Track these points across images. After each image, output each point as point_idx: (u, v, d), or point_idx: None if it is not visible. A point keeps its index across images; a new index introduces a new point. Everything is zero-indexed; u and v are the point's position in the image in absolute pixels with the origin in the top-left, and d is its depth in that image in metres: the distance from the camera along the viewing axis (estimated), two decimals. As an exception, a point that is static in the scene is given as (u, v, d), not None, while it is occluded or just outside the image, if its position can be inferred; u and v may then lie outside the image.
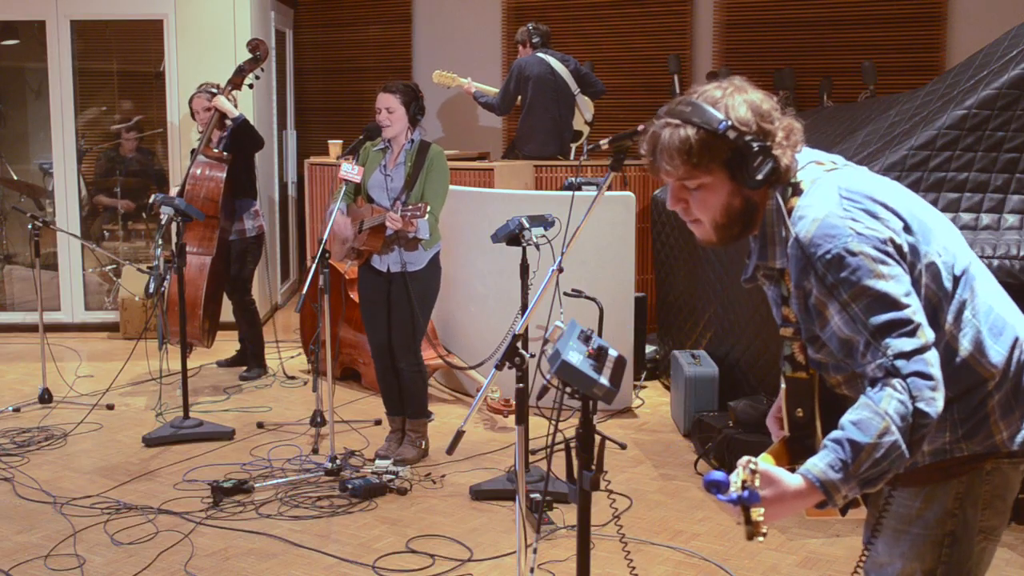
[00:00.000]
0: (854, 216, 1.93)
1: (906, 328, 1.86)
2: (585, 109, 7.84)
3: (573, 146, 7.87)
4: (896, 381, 1.84)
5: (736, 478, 1.82)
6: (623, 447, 5.20)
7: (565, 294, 5.24)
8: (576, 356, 2.38)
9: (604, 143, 2.92)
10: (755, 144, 1.96)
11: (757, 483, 1.83)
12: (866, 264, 1.89)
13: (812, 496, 1.85)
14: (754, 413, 4.70)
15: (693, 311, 5.93)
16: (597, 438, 2.43)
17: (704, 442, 5.00)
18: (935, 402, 1.84)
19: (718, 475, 1.82)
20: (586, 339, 2.51)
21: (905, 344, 1.85)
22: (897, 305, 1.88)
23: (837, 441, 1.85)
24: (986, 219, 4.37)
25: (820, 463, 1.85)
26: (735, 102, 2.00)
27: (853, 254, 1.89)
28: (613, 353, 2.53)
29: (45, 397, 5.98)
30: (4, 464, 5.00)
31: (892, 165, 4.76)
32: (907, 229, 1.96)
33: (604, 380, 2.35)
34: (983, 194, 4.42)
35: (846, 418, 1.86)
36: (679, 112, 2.01)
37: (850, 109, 6.14)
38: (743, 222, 2.05)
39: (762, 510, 1.81)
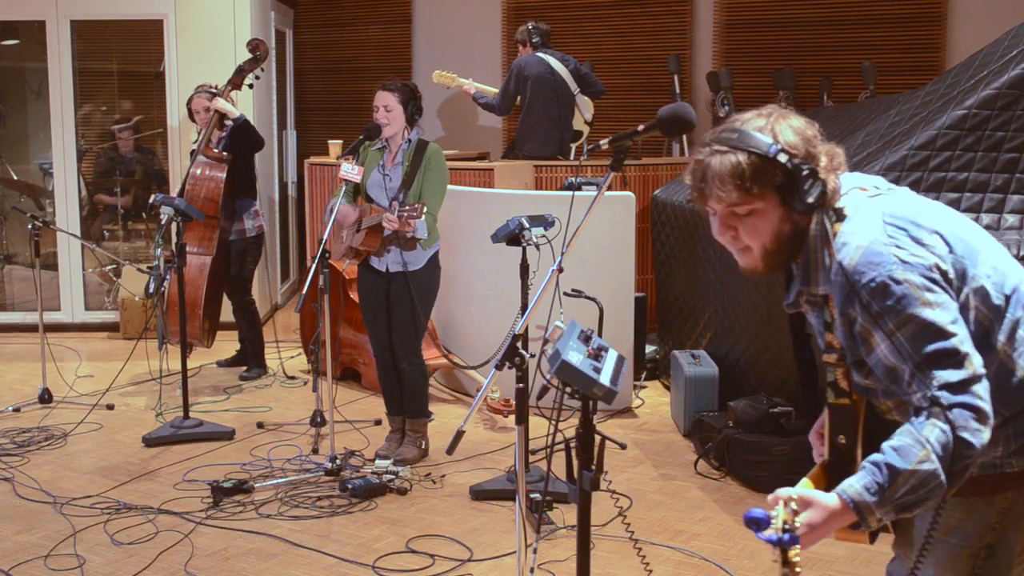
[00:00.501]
0: (899, 243, 1.91)
1: (953, 358, 1.84)
2: (585, 109, 7.84)
3: (573, 146, 7.86)
4: (940, 411, 1.82)
5: (777, 516, 1.79)
6: (623, 447, 5.20)
7: (565, 294, 5.24)
8: (576, 356, 2.38)
9: (604, 143, 2.92)
10: (805, 168, 1.97)
11: (798, 524, 1.81)
12: (911, 292, 1.87)
13: (845, 516, 1.85)
14: (754, 413, 4.70)
15: (693, 311, 5.93)
16: (597, 438, 2.43)
17: (704, 442, 5.00)
18: (980, 433, 1.82)
19: (759, 512, 1.79)
20: (586, 339, 2.51)
21: (952, 375, 1.83)
22: (943, 334, 1.86)
23: (876, 464, 1.84)
24: (986, 219, 4.37)
25: (856, 484, 1.84)
26: (781, 127, 2.00)
27: (898, 282, 1.88)
28: (613, 353, 2.53)
29: (45, 397, 5.98)
30: (4, 464, 5.00)
31: (892, 165, 4.76)
32: (953, 253, 1.94)
33: (604, 380, 2.35)
34: (983, 194, 4.42)
35: (887, 444, 1.85)
36: (726, 139, 2.01)
37: (850, 109, 6.14)
38: (791, 248, 2.04)
39: (798, 547, 1.80)
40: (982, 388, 1.84)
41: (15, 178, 8.83)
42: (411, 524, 4.30)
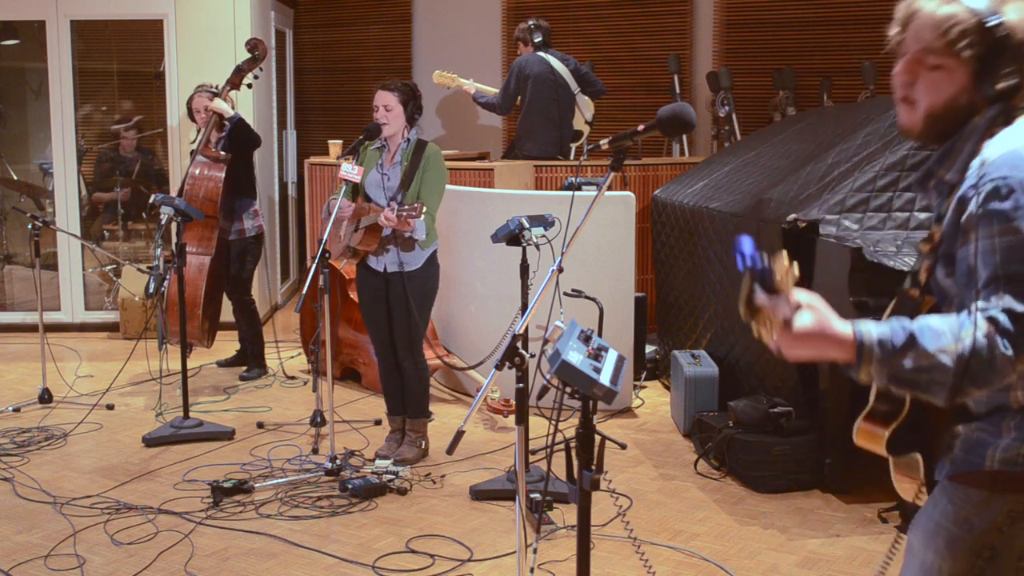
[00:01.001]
0: None
1: None
2: (585, 109, 7.84)
3: (573, 146, 7.86)
4: (991, 327, 1.76)
5: (776, 269, 1.77)
6: (623, 447, 5.20)
7: (565, 294, 5.25)
8: (576, 356, 2.38)
9: (604, 143, 2.92)
10: (1014, 53, 1.90)
11: (797, 326, 1.78)
12: None
13: (846, 349, 1.80)
14: (754, 413, 4.70)
15: (693, 311, 5.93)
16: (597, 438, 2.44)
17: (704, 442, 5.00)
18: (1009, 371, 1.77)
19: (749, 246, 1.78)
20: (586, 339, 2.51)
21: (1020, 306, 1.77)
22: None
23: (904, 328, 1.79)
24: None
25: (875, 331, 1.80)
26: (1012, 6, 1.93)
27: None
28: (613, 353, 2.53)
29: (45, 397, 5.98)
30: (4, 464, 5.00)
31: (892, 165, 4.77)
32: None
33: (604, 380, 2.36)
34: (983, 194, 4.41)
35: (928, 319, 1.80)
36: None
37: (850, 109, 6.14)
38: (956, 123, 1.96)
39: (767, 310, 1.78)
40: None
41: (15, 178, 8.83)
42: (411, 524, 4.30)
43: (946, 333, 1.77)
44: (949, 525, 2.00)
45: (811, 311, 1.81)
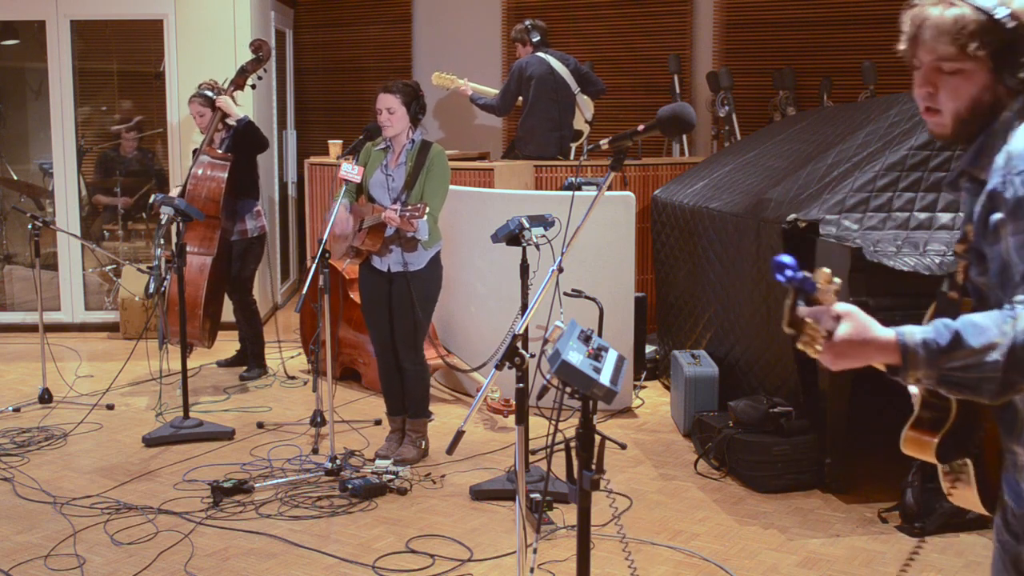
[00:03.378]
0: None
1: None
2: (585, 109, 7.84)
3: (573, 146, 7.86)
4: None
5: (818, 280, 1.78)
6: (623, 447, 5.20)
7: (565, 294, 5.25)
8: (576, 356, 2.38)
9: (604, 143, 2.92)
10: None
11: (839, 334, 1.77)
12: None
13: (890, 354, 1.77)
14: (754, 413, 4.70)
15: (693, 311, 5.93)
16: (597, 438, 2.44)
17: (704, 442, 5.00)
18: None
19: (788, 258, 1.78)
20: (586, 339, 2.51)
21: None
22: None
23: (947, 327, 1.76)
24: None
25: (918, 333, 1.77)
26: None
27: None
28: (613, 353, 2.53)
29: (45, 397, 5.98)
30: (4, 464, 5.00)
31: (892, 165, 4.77)
32: None
33: (604, 380, 2.36)
34: (983, 194, 4.41)
35: (970, 317, 1.77)
36: None
37: (850, 109, 6.14)
38: (984, 121, 1.94)
39: (812, 324, 1.77)
40: None
41: (15, 178, 8.83)
42: (411, 524, 4.30)
43: (991, 328, 1.74)
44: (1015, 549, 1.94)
45: (850, 320, 1.79)
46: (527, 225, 4.47)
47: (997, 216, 1.84)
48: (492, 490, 4.59)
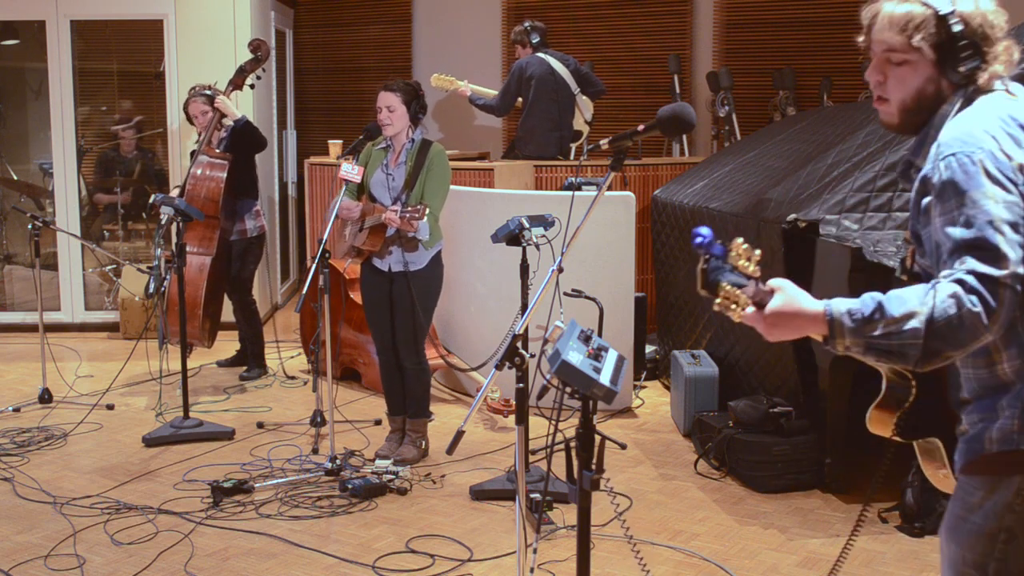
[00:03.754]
0: (996, 135, 1.95)
1: (992, 253, 1.85)
2: (585, 109, 7.84)
3: (573, 146, 7.86)
4: (958, 288, 1.83)
5: (735, 253, 1.90)
6: (623, 447, 5.20)
7: (565, 294, 5.25)
8: (576, 356, 2.38)
9: (604, 143, 2.92)
10: (969, 39, 2.02)
11: (751, 267, 1.91)
12: (982, 179, 1.90)
13: (819, 325, 1.91)
14: (754, 413, 4.70)
15: (693, 311, 5.93)
16: (597, 438, 2.44)
17: (704, 442, 5.00)
18: (982, 329, 1.83)
19: (705, 229, 1.91)
20: (586, 339, 2.51)
21: (984, 268, 1.84)
22: (995, 228, 1.86)
23: (873, 299, 1.88)
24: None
25: (844, 305, 1.90)
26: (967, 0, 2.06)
27: (974, 164, 1.91)
28: (613, 353, 2.53)
29: (45, 397, 5.98)
30: (4, 464, 5.00)
31: (892, 165, 4.77)
32: None
33: (604, 380, 2.36)
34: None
35: (895, 290, 1.89)
36: None
37: (850, 109, 6.14)
38: (928, 112, 2.08)
39: (737, 291, 1.90)
40: (1007, 295, 1.84)
41: (15, 178, 8.83)
42: (411, 524, 4.30)
43: (912, 299, 1.86)
44: (964, 515, 2.04)
45: (782, 293, 1.93)
46: (527, 225, 4.47)
47: (927, 200, 1.98)
48: (492, 490, 4.59)
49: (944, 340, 1.83)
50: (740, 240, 1.92)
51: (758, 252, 1.92)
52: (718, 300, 1.91)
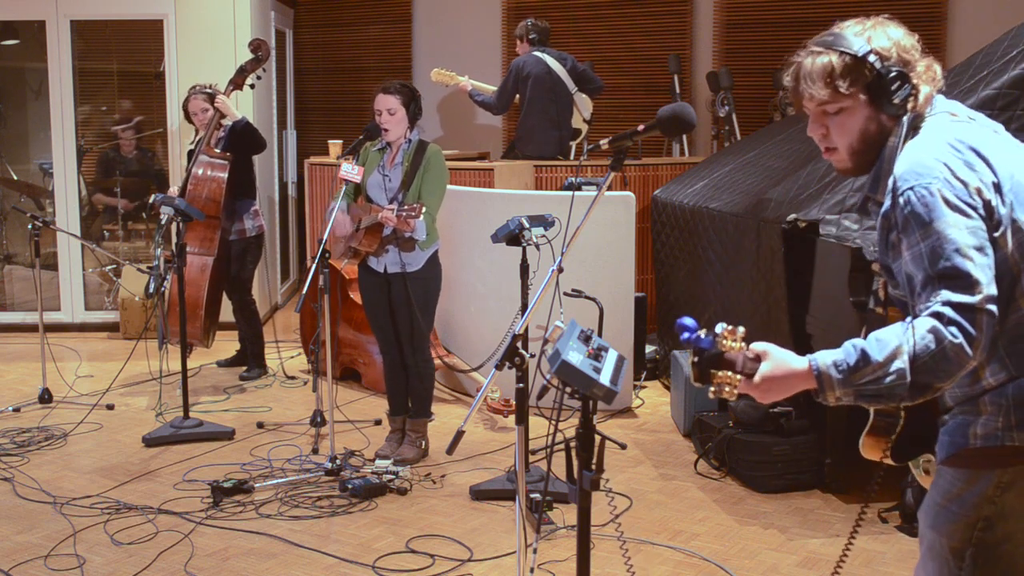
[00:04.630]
0: (950, 163, 1.97)
1: (965, 281, 1.88)
2: (584, 108, 7.84)
3: (572, 145, 7.86)
4: (936, 322, 1.86)
5: (721, 338, 1.93)
6: (623, 447, 5.20)
7: (565, 294, 5.24)
8: (576, 356, 2.38)
9: (604, 143, 2.92)
10: (894, 70, 2.06)
11: (737, 346, 1.94)
12: (943, 208, 1.92)
13: (807, 381, 1.93)
14: (754, 413, 4.70)
15: (693, 311, 5.93)
16: (597, 438, 2.43)
17: (704, 442, 5.00)
18: (965, 358, 1.85)
19: (690, 322, 1.94)
20: (586, 339, 2.51)
21: (958, 297, 1.87)
22: (963, 255, 1.89)
23: (854, 346, 1.91)
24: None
25: (828, 357, 1.92)
26: (876, 33, 2.10)
27: (933, 195, 1.93)
28: (613, 353, 2.53)
29: (45, 397, 5.98)
30: (4, 464, 5.00)
31: (892, 165, 4.76)
32: (999, 189, 1.98)
33: (604, 380, 2.35)
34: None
35: (876, 332, 1.91)
36: (822, 42, 2.12)
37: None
38: (876, 149, 2.12)
39: (728, 373, 1.93)
40: (985, 320, 1.87)
41: (15, 178, 8.83)
42: (411, 524, 4.30)
43: (892, 340, 1.88)
44: (944, 503, 2.08)
45: (768, 358, 1.96)
46: (527, 225, 4.47)
47: (894, 236, 2.01)
48: (492, 490, 4.59)
49: (931, 374, 1.86)
50: (723, 325, 1.95)
51: (742, 329, 1.95)
52: (712, 388, 1.95)
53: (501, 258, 5.36)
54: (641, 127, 2.80)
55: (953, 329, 1.85)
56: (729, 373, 1.93)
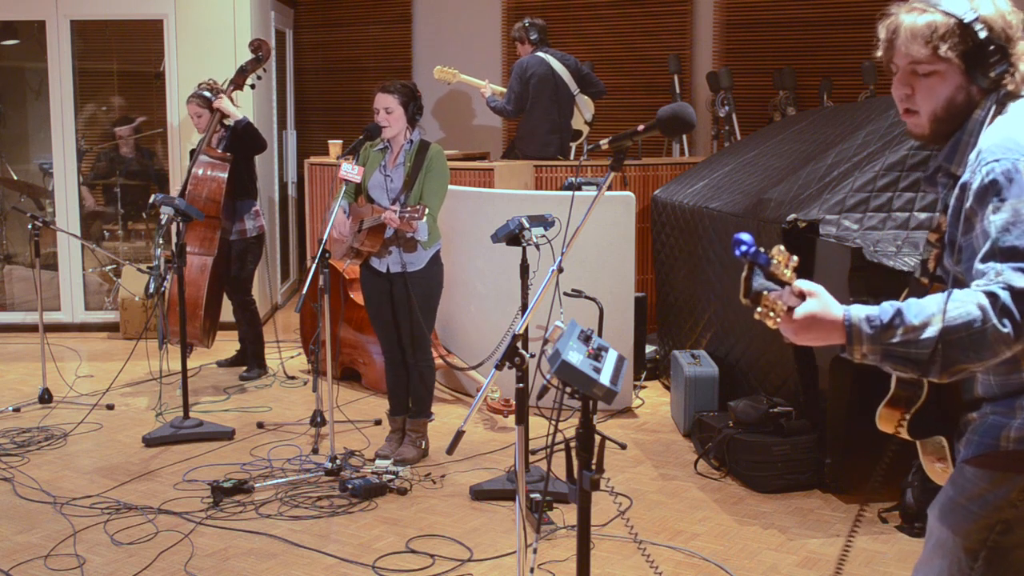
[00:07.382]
0: None
1: None
2: (585, 109, 7.84)
3: (573, 145, 7.86)
4: (987, 302, 1.82)
5: (776, 261, 1.87)
6: (623, 447, 5.20)
7: (565, 294, 5.25)
8: (576, 356, 2.38)
9: (604, 143, 2.92)
10: (995, 42, 2.02)
11: (788, 274, 1.87)
12: None
13: (838, 332, 1.88)
14: (754, 413, 4.70)
15: (693, 311, 5.93)
16: (597, 438, 2.44)
17: (704, 442, 5.00)
18: (1005, 344, 1.81)
19: (746, 236, 1.86)
20: (586, 339, 2.51)
21: (1019, 280, 1.83)
22: None
23: (892, 305, 1.88)
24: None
25: (863, 312, 1.88)
26: (984, 2, 2.05)
27: (1019, 171, 1.91)
28: (613, 353, 2.53)
29: (45, 397, 5.98)
30: (4, 464, 5.00)
31: (892, 165, 4.77)
32: None
33: (604, 380, 2.35)
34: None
35: (915, 298, 1.88)
36: (926, 0, 2.06)
37: (850, 109, 6.14)
38: (958, 120, 2.07)
39: (777, 300, 1.88)
40: None
41: (15, 178, 8.83)
42: (411, 524, 4.30)
43: (931, 307, 1.84)
44: (964, 502, 2.05)
45: (815, 298, 1.90)
46: (527, 225, 4.47)
47: (969, 208, 1.96)
48: (492, 490, 4.59)
49: (963, 351, 1.82)
50: (781, 247, 1.90)
51: (796, 258, 1.90)
52: (759, 309, 1.90)
53: (501, 258, 5.36)
54: (641, 127, 2.80)
55: (1005, 320, 1.81)
56: (779, 301, 1.88)
